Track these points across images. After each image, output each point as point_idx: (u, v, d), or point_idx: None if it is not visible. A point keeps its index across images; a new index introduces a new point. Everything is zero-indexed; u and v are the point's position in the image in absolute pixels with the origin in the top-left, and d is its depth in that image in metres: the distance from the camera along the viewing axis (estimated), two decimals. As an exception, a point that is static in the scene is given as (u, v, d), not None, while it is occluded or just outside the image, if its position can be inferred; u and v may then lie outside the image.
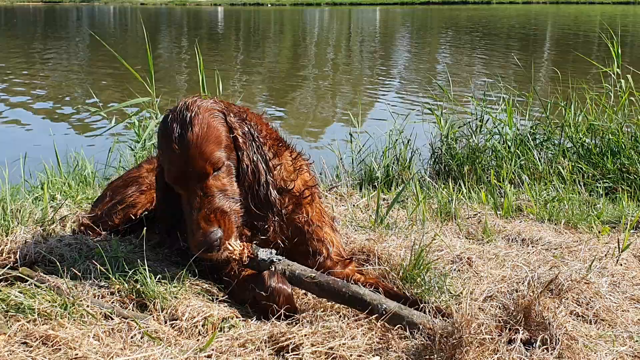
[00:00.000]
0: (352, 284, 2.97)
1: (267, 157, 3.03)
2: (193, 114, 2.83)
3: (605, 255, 3.85)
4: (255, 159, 2.97)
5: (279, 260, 2.98)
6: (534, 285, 2.98)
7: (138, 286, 2.93)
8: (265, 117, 3.30)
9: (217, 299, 2.98)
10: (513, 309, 2.80)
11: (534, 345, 2.62)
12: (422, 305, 2.94)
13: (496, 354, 2.53)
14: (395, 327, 2.80)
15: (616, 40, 7.18)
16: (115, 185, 3.87)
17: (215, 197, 2.84)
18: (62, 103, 10.91)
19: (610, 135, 6.31)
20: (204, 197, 2.83)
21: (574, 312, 3.05)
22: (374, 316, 2.84)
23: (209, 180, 2.84)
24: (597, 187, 5.70)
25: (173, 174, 2.86)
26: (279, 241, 3.16)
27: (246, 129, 2.98)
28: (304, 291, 3.15)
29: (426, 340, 2.66)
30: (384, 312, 2.83)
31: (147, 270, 2.95)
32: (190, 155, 2.79)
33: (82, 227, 3.70)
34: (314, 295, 3.08)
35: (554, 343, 2.64)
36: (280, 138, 3.28)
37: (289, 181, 3.19)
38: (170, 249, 3.36)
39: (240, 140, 2.93)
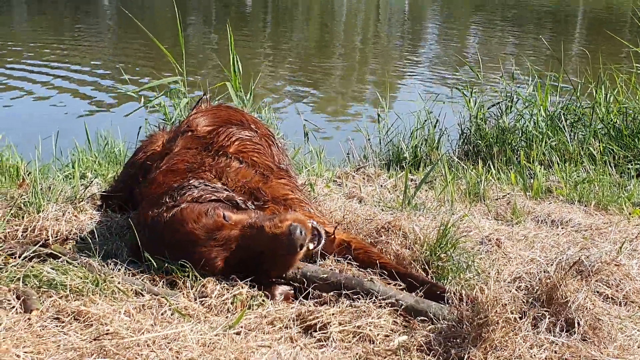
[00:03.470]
0: (357, 277, 3.02)
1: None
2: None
3: (636, 237, 3.81)
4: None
5: None
6: (563, 266, 2.96)
7: (166, 264, 2.96)
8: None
9: (244, 278, 3.01)
10: (538, 289, 2.79)
11: (556, 326, 2.62)
12: (446, 287, 2.94)
13: (520, 334, 2.52)
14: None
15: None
16: None
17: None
18: (92, 81, 10.95)
19: (641, 116, 6.20)
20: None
21: (604, 293, 3.02)
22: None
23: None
24: (629, 168, 5.62)
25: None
26: None
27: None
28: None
29: (452, 323, 2.66)
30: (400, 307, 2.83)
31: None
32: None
33: (101, 201, 3.85)
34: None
35: (576, 324, 2.63)
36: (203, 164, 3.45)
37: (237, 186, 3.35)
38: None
39: None
